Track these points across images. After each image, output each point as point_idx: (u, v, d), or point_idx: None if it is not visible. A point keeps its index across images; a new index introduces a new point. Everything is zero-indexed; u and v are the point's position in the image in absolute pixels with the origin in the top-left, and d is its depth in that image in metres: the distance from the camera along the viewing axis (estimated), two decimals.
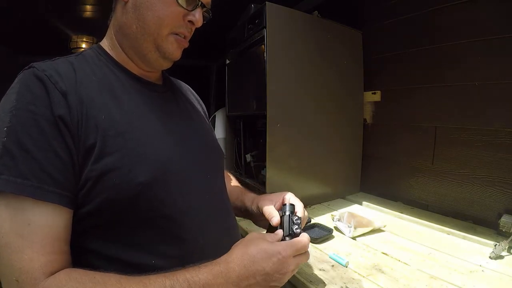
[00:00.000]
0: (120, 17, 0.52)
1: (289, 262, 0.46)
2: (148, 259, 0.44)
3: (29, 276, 0.36)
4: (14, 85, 0.42)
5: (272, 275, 0.45)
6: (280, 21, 1.07)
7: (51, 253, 0.38)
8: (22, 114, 0.38)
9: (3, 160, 0.37)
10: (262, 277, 0.44)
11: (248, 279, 0.44)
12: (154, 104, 0.54)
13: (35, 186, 0.37)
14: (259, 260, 0.45)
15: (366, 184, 1.41)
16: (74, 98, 0.42)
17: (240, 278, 0.43)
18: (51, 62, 0.45)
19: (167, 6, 0.49)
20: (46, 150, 0.39)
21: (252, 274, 0.44)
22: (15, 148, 0.37)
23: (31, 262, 0.36)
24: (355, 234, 0.90)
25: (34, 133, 0.38)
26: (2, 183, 0.36)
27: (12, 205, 0.37)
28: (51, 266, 0.37)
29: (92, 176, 0.41)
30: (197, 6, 0.52)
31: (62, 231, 0.40)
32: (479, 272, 0.69)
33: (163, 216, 0.46)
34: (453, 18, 1.03)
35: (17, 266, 0.36)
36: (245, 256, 0.45)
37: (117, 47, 0.53)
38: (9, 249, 0.36)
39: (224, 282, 0.42)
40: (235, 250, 0.46)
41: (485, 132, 0.96)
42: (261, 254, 0.45)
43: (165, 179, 0.47)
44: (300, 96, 1.14)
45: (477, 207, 0.98)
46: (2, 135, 0.38)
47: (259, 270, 0.44)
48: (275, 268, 0.45)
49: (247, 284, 0.44)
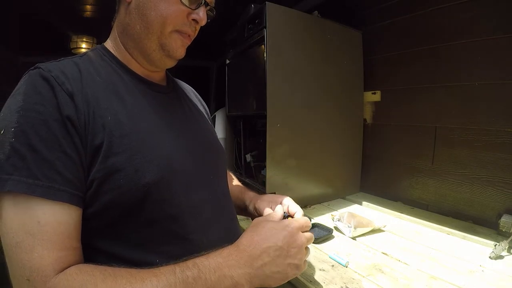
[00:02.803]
0: (124, 18, 0.52)
1: (299, 235, 0.47)
2: (152, 259, 0.44)
3: (40, 274, 0.35)
4: (20, 86, 0.42)
5: (286, 249, 0.45)
6: (280, 21, 1.07)
7: (62, 249, 0.38)
8: (29, 114, 0.38)
9: (12, 161, 0.37)
10: (277, 253, 0.44)
11: (261, 258, 0.43)
12: (159, 104, 0.54)
13: (46, 186, 0.37)
14: (269, 236, 0.45)
15: (366, 184, 1.41)
16: (81, 99, 0.42)
17: (252, 257, 0.42)
18: (57, 63, 0.45)
19: (170, 5, 0.49)
20: (56, 150, 0.39)
21: (265, 251, 0.43)
22: (24, 149, 0.37)
23: (41, 260, 0.36)
24: (355, 234, 0.90)
25: (43, 133, 0.38)
26: (13, 183, 0.36)
27: (21, 205, 0.37)
28: (61, 262, 0.37)
29: (99, 176, 0.41)
30: (200, 4, 0.52)
31: (72, 229, 0.40)
32: (479, 272, 0.69)
33: (168, 216, 0.46)
34: (453, 18, 1.03)
35: (28, 265, 0.36)
36: (254, 237, 0.45)
37: (121, 47, 0.54)
38: (19, 249, 0.36)
39: (235, 263, 0.42)
40: (243, 234, 0.47)
41: (485, 132, 0.96)
42: (270, 231, 0.46)
43: (170, 179, 0.47)
44: (300, 96, 1.14)
45: (477, 207, 0.98)
46: (10, 135, 0.38)
47: (271, 246, 0.44)
48: (287, 241, 0.45)
49: (261, 264, 0.43)
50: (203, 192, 0.53)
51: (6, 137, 0.38)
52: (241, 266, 0.42)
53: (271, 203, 0.64)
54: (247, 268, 0.42)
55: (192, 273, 0.39)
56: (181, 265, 0.40)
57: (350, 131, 1.35)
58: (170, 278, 0.38)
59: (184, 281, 0.39)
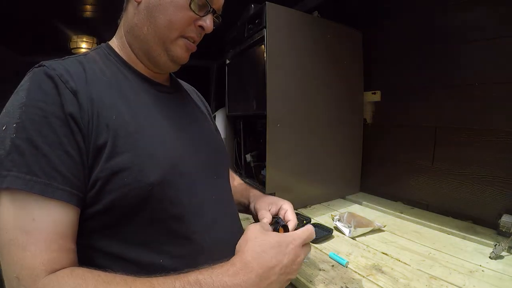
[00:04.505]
0: (132, 18, 0.52)
1: (300, 251, 0.46)
2: (155, 258, 0.44)
3: (29, 273, 0.35)
4: (24, 83, 0.41)
5: (289, 266, 0.44)
6: (280, 21, 1.07)
7: (55, 250, 0.37)
8: (32, 111, 0.38)
9: (11, 157, 0.36)
10: (281, 271, 0.43)
11: (269, 277, 0.42)
12: (162, 104, 0.54)
13: (45, 183, 0.37)
14: (276, 254, 0.44)
15: (366, 184, 1.41)
16: (85, 97, 0.42)
17: (260, 277, 0.41)
18: (61, 61, 0.44)
19: (179, 10, 0.49)
20: (56, 147, 0.38)
21: (272, 270, 0.42)
22: (25, 145, 0.37)
23: (33, 259, 0.35)
24: (355, 234, 0.90)
25: (44, 130, 0.38)
26: (11, 179, 0.36)
27: (18, 202, 0.36)
28: (54, 263, 0.37)
29: (103, 176, 0.41)
30: (208, 12, 0.52)
31: (68, 229, 0.39)
32: (479, 272, 0.69)
33: (171, 216, 0.46)
34: (453, 18, 1.03)
35: (19, 262, 0.35)
36: (262, 254, 0.43)
37: (127, 47, 0.54)
38: (13, 246, 0.35)
39: (242, 284, 0.39)
40: (248, 248, 0.44)
41: (485, 132, 0.96)
42: (276, 248, 0.44)
43: (174, 179, 0.47)
44: (300, 96, 1.14)
45: (477, 207, 0.98)
46: (11, 131, 0.37)
47: (277, 264, 0.43)
48: (291, 258, 0.45)
49: (268, 283, 0.42)
50: (206, 192, 0.53)
51: (7, 133, 0.37)
52: (248, 287, 0.40)
53: (271, 205, 0.64)
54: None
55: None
56: (181, 280, 0.37)
57: (350, 131, 1.35)
58: None
59: None
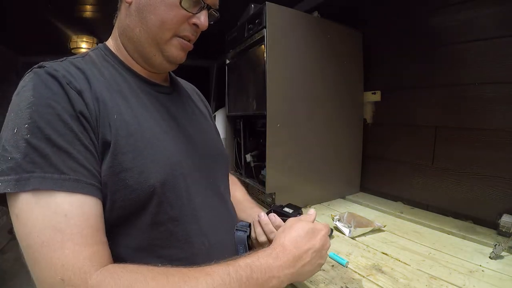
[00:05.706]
0: (124, 19, 0.51)
1: (327, 239, 0.52)
2: (154, 262, 0.43)
3: (76, 271, 0.33)
4: (26, 84, 0.40)
5: (320, 251, 0.49)
6: (280, 21, 1.07)
7: (95, 244, 0.36)
8: (43, 110, 0.37)
9: (30, 158, 0.35)
10: (314, 254, 0.48)
11: (303, 258, 0.47)
12: (161, 105, 0.54)
13: (74, 179, 0.36)
14: (310, 239, 0.49)
15: (366, 184, 1.41)
16: (90, 96, 0.42)
17: (295, 258, 0.46)
18: (60, 63, 0.44)
19: (170, 9, 0.48)
20: (76, 144, 0.38)
21: (306, 252, 0.47)
22: (43, 144, 0.36)
23: (74, 256, 0.33)
24: (355, 234, 0.90)
25: (60, 128, 0.37)
26: (37, 181, 0.34)
27: (44, 201, 0.35)
28: (98, 256, 0.36)
29: (105, 175, 0.41)
30: (202, 8, 0.50)
31: (99, 223, 0.39)
32: (479, 272, 0.69)
33: (171, 219, 0.46)
34: (453, 18, 1.03)
35: (59, 263, 0.33)
36: (298, 238, 0.48)
37: (122, 48, 0.53)
38: (47, 247, 0.33)
39: (283, 264, 0.44)
40: (285, 234, 0.49)
41: (485, 132, 0.96)
42: (310, 234, 0.50)
43: (174, 181, 0.47)
44: (300, 96, 1.14)
45: (477, 207, 0.98)
46: (24, 132, 0.36)
47: (310, 248, 0.48)
48: (322, 243, 0.50)
49: (302, 264, 0.46)
50: (205, 195, 0.53)
51: (19, 135, 0.36)
52: (287, 267, 0.45)
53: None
54: (291, 268, 0.45)
55: (245, 273, 0.40)
56: (233, 265, 0.41)
57: (350, 131, 1.35)
58: (224, 278, 0.38)
59: (238, 280, 0.39)
